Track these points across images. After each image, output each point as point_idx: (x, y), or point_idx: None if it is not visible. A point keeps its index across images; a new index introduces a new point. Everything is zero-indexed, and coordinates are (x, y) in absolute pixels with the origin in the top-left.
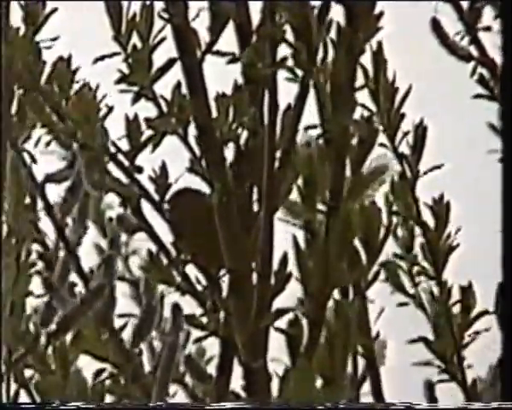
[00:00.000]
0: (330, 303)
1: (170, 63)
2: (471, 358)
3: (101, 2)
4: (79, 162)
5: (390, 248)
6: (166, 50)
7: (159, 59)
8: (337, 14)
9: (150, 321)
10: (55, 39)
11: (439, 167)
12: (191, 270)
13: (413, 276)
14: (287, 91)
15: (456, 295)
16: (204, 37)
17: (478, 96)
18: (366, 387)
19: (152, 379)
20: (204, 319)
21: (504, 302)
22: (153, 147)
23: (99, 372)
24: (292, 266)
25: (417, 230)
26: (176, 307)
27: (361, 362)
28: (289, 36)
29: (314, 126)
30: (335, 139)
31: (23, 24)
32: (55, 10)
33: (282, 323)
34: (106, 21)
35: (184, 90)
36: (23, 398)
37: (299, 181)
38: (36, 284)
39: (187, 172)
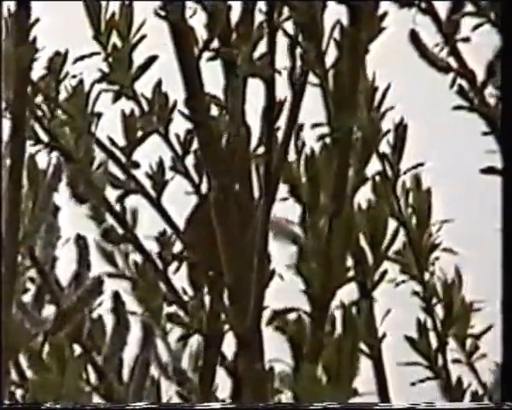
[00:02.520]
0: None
1: (150, 61)
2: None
3: (80, 1)
4: (49, 177)
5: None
6: (147, 49)
7: (139, 57)
8: (340, 14)
9: (122, 337)
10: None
11: (420, 165)
12: (177, 281)
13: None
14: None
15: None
16: (201, 34)
17: (458, 107)
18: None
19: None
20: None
21: (504, 301)
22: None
23: None
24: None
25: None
26: (146, 325)
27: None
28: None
29: (320, 125)
30: (339, 139)
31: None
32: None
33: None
34: (85, 21)
35: (165, 88)
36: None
37: (303, 181)
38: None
39: (169, 170)
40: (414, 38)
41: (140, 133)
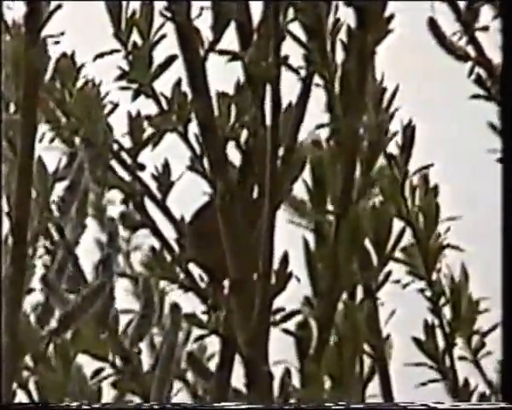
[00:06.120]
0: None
1: (170, 60)
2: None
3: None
4: (79, 160)
5: None
6: (167, 48)
7: (159, 56)
8: (347, 16)
9: (149, 320)
10: (62, 34)
11: (427, 167)
12: (194, 267)
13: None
14: (289, 89)
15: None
16: (207, 35)
17: (475, 96)
18: (376, 388)
19: (151, 378)
20: (204, 318)
21: (504, 301)
22: (152, 145)
23: (98, 372)
24: (294, 267)
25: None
26: (175, 307)
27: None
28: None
29: (323, 126)
30: (345, 141)
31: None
32: (59, 7)
33: (290, 325)
34: (106, 19)
35: (185, 87)
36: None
37: (309, 182)
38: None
39: (187, 170)
40: (432, 26)
41: (145, 135)
